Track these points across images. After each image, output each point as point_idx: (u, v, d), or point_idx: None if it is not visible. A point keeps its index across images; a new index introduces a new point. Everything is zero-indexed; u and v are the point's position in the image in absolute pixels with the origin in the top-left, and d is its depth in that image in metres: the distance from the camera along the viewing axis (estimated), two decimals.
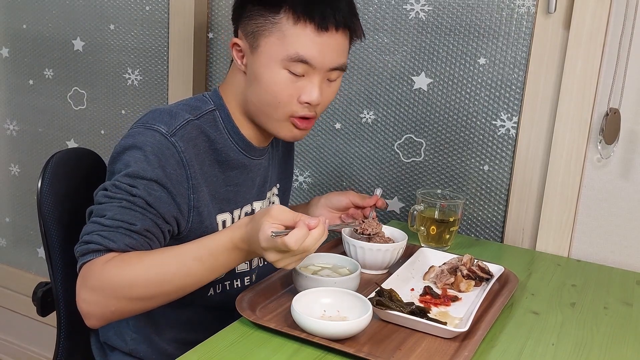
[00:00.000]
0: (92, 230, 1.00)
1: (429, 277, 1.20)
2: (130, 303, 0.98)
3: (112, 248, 0.98)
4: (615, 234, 1.45)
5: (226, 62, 1.89)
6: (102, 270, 0.96)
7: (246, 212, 1.22)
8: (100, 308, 0.98)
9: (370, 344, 0.95)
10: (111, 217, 1.00)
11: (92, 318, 0.99)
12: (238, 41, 1.14)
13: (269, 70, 1.09)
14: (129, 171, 1.02)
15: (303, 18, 1.07)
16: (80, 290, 0.99)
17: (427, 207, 1.40)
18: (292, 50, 1.07)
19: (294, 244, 0.92)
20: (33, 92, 2.24)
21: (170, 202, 1.05)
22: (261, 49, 1.10)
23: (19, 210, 2.39)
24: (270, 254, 0.95)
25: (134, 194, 1.01)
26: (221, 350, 0.92)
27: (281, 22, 1.08)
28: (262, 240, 0.93)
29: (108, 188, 1.03)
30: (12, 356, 2.48)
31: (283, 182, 1.36)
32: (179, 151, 1.06)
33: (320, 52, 1.09)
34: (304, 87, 1.10)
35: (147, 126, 1.07)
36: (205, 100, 1.16)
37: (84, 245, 1.00)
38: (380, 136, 1.69)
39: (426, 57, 1.61)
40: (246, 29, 1.12)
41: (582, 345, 1.02)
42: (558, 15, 1.43)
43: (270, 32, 1.09)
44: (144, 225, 1.00)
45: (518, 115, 1.53)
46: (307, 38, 1.08)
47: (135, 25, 1.99)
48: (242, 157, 1.17)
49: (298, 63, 1.08)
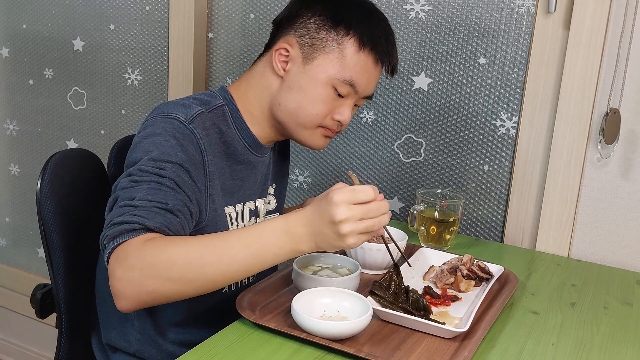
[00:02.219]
0: (123, 213, 0.94)
1: (429, 277, 1.20)
2: (168, 284, 0.91)
3: (148, 226, 0.93)
4: (615, 233, 1.45)
5: (226, 62, 1.89)
6: (141, 248, 0.90)
7: (249, 208, 1.23)
8: (136, 288, 0.91)
9: (370, 344, 0.95)
10: (142, 197, 0.95)
11: (125, 299, 0.92)
12: (288, 47, 1.15)
13: (317, 84, 1.13)
14: (153, 155, 1.01)
15: (368, 47, 1.13)
16: (115, 269, 0.91)
17: (427, 207, 1.40)
18: (347, 74, 1.13)
19: (371, 190, 0.91)
20: (33, 92, 2.24)
21: (194, 186, 1.04)
22: (317, 62, 1.13)
23: (19, 210, 2.39)
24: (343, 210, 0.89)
25: (163, 175, 0.99)
26: (221, 350, 0.92)
27: (345, 44, 1.12)
28: (335, 194, 0.90)
29: (133, 173, 1.00)
30: (12, 356, 2.48)
31: (279, 182, 1.36)
32: (197, 138, 1.07)
33: (368, 82, 1.16)
34: (340, 107, 1.16)
35: (164, 115, 1.07)
36: (214, 95, 1.18)
37: (116, 227, 0.93)
38: (380, 136, 1.69)
39: (426, 57, 1.61)
40: (303, 39, 1.14)
41: (582, 345, 1.02)
42: (558, 15, 1.43)
43: (331, 50, 1.12)
44: (176, 205, 0.97)
45: (518, 115, 1.53)
46: (364, 67, 1.14)
47: (135, 25, 1.99)
48: (248, 153, 1.19)
49: (346, 85, 1.13)
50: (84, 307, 1.27)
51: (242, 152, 1.18)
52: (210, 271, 0.91)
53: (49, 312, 1.29)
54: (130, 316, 1.17)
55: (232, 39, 1.87)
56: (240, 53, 1.86)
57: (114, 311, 1.20)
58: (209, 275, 0.91)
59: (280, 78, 1.16)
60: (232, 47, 1.87)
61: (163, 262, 0.90)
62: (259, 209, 1.26)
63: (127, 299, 0.92)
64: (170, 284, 0.91)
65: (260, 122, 1.19)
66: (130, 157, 1.05)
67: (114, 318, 1.20)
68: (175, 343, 1.18)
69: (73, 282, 1.24)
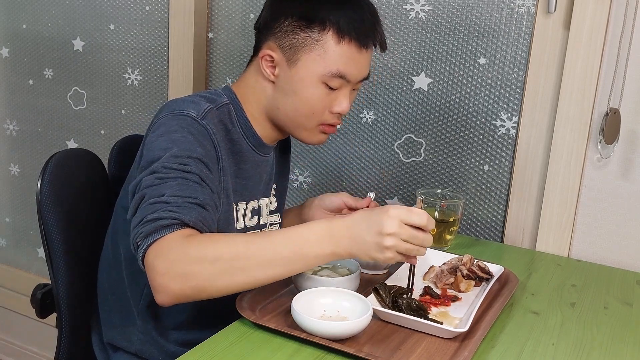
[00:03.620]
0: (156, 209, 0.94)
1: (429, 277, 1.20)
2: (212, 278, 0.91)
3: (185, 221, 0.93)
4: (615, 234, 1.45)
5: (226, 62, 1.89)
6: (183, 243, 0.91)
7: (252, 207, 1.23)
8: (179, 281, 0.91)
9: (370, 344, 0.95)
10: (172, 194, 0.95)
11: (167, 293, 0.92)
12: (271, 53, 1.15)
13: (307, 84, 1.12)
14: (174, 152, 1.01)
15: (347, 36, 1.11)
16: (156, 263, 0.91)
17: (427, 207, 1.40)
18: (334, 67, 1.11)
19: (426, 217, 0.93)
20: (33, 92, 2.24)
21: (215, 180, 1.05)
22: (300, 63, 1.12)
23: (19, 210, 2.39)
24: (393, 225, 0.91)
25: (188, 171, 0.99)
26: (221, 350, 0.92)
27: (324, 39, 1.11)
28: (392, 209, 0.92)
29: (157, 170, 0.99)
30: (12, 356, 2.48)
31: (280, 182, 1.36)
32: (210, 133, 1.08)
33: (358, 68, 1.14)
34: (337, 99, 1.15)
35: (176, 112, 1.08)
36: (219, 94, 1.18)
37: (150, 224, 0.93)
38: (380, 136, 1.69)
39: (426, 57, 1.61)
40: (282, 42, 1.13)
41: (582, 345, 1.02)
42: (558, 15, 1.43)
43: (311, 48, 1.11)
44: (205, 199, 0.98)
45: (518, 115, 1.53)
46: (349, 56, 1.12)
47: (135, 25, 1.99)
48: (252, 152, 1.20)
49: (336, 78, 1.12)
50: (84, 307, 1.27)
51: (246, 151, 1.18)
52: (254, 267, 0.92)
53: (49, 312, 1.29)
54: (132, 316, 1.17)
55: (232, 39, 1.87)
56: (240, 53, 1.86)
57: (115, 310, 1.20)
58: (252, 272, 0.92)
59: (271, 83, 1.16)
60: (232, 47, 1.87)
61: (209, 256, 0.91)
62: (262, 208, 1.26)
63: (169, 293, 0.92)
64: (214, 278, 0.92)
65: (261, 122, 1.20)
66: (147, 156, 1.04)
67: (115, 317, 1.20)
68: (177, 343, 1.18)
69: (73, 282, 1.24)
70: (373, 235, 0.92)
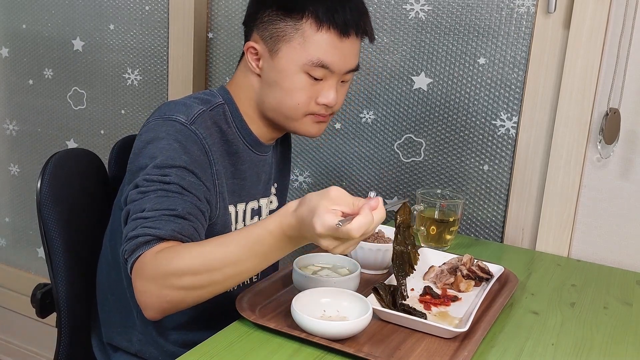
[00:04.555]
0: (136, 226, 0.97)
1: (429, 277, 1.20)
2: (183, 293, 0.94)
3: (159, 235, 0.95)
4: (615, 234, 1.45)
5: (226, 62, 1.89)
6: (154, 261, 0.94)
7: (252, 207, 1.23)
8: (156, 298, 0.95)
9: (370, 344, 0.95)
10: (151, 208, 0.98)
11: (149, 309, 0.97)
12: (254, 45, 1.14)
13: (289, 74, 1.11)
14: (156, 162, 1.02)
15: (326, 24, 1.09)
16: (135, 282, 0.96)
17: (427, 207, 1.40)
18: (314, 56, 1.10)
19: (356, 232, 0.84)
20: (33, 92, 2.24)
21: (201, 185, 1.05)
22: (281, 53, 1.11)
23: (19, 210, 2.39)
24: (326, 241, 0.86)
25: (167, 182, 1.00)
26: (221, 350, 0.92)
27: (303, 28, 1.10)
28: (319, 226, 0.84)
29: (139, 184, 1.01)
30: (12, 356, 2.48)
31: (280, 182, 1.36)
32: (200, 138, 1.07)
33: (340, 58, 1.12)
34: (322, 90, 1.13)
35: (165, 118, 1.08)
36: (214, 94, 1.18)
37: (131, 241, 0.96)
38: (380, 136, 1.69)
39: (426, 57, 1.61)
40: (264, 33, 1.13)
41: (582, 345, 1.02)
42: (558, 15, 1.43)
43: (291, 37, 1.10)
44: (185, 209, 0.99)
45: (518, 115, 1.53)
46: (329, 44, 1.10)
47: (135, 25, 1.99)
48: (249, 152, 1.19)
49: (319, 68, 1.11)
50: (84, 307, 1.27)
51: (243, 151, 1.18)
52: (218, 276, 0.93)
53: (49, 312, 1.29)
54: (132, 316, 1.17)
55: (232, 39, 1.87)
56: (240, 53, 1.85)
57: (115, 310, 1.20)
58: (217, 279, 0.94)
59: (258, 76, 1.16)
60: (232, 47, 1.87)
61: (173, 272, 0.93)
62: (262, 208, 1.26)
63: (151, 309, 0.96)
64: (185, 292, 0.94)
65: (256, 120, 1.20)
66: (135, 162, 1.05)
67: (115, 317, 1.20)
68: (176, 344, 1.18)
69: (73, 282, 1.24)
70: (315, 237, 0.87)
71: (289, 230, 0.90)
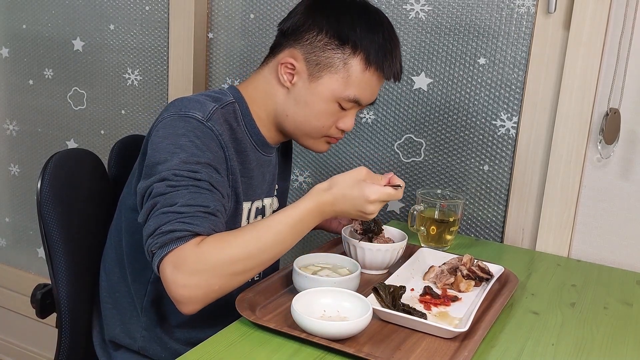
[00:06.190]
0: (169, 220, 0.96)
1: (429, 277, 1.20)
2: (232, 278, 0.98)
3: (198, 232, 0.96)
4: (615, 234, 1.45)
5: (226, 62, 1.89)
6: (198, 253, 0.95)
7: (257, 207, 1.23)
8: (203, 290, 0.96)
9: (370, 344, 0.95)
10: (184, 203, 0.98)
11: (193, 303, 0.96)
12: (294, 62, 1.15)
13: (323, 100, 1.16)
14: (182, 158, 1.02)
15: (373, 67, 1.15)
16: (175, 277, 0.94)
17: (427, 207, 1.40)
18: (352, 94, 1.16)
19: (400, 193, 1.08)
20: (33, 92, 2.24)
21: (225, 182, 1.07)
22: (322, 81, 1.14)
23: (19, 210, 2.39)
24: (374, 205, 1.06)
25: (199, 178, 1.01)
26: (221, 350, 0.92)
27: (350, 63, 1.14)
28: (372, 193, 1.05)
29: (168, 177, 1.00)
30: (12, 356, 2.48)
31: (281, 183, 1.36)
32: (216, 135, 1.08)
33: (372, 95, 1.19)
34: (344, 117, 1.20)
35: (182, 114, 1.08)
36: (224, 93, 1.18)
37: (165, 235, 0.95)
38: (380, 136, 1.69)
39: (426, 57, 1.61)
40: (310, 57, 1.14)
41: (582, 345, 1.02)
42: (558, 15, 1.43)
43: (337, 70, 1.14)
44: (215, 206, 1.01)
45: (518, 115, 1.53)
46: (369, 84, 1.17)
47: (135, 25, 1.99)
48: (255, 151, 1.20)
49: (351, 102, 1.17)
50: (84, 307, 1.27)
51: (250, 150, 1.18)
52: (265, 257, 1.00)
53: (49, 312, 1.29)
54: (136, 313, 1.17)
55: (232, 39, 1.87)
56: (240, 53, 1.86)
57: (118, 307, 1.21)
58: (264, 261, 1.01)
59: (285, 89, 1.17)
60: (232, 47, 1.87)
61: (227, 260, 0.96)
62: (266, 207, 1.26)
63: (195, 303, 0.97)
64: (234, 278, 0.98)
65: (266, 124, 1.21)
66: (153, 156, 1.04)
67: (118, 314, 1.21)
68: (180, 342, 1.18)
69: (73, 282, 1.24)
70: (357, 213, 1.07)
71: (324, 206, 1.04)
